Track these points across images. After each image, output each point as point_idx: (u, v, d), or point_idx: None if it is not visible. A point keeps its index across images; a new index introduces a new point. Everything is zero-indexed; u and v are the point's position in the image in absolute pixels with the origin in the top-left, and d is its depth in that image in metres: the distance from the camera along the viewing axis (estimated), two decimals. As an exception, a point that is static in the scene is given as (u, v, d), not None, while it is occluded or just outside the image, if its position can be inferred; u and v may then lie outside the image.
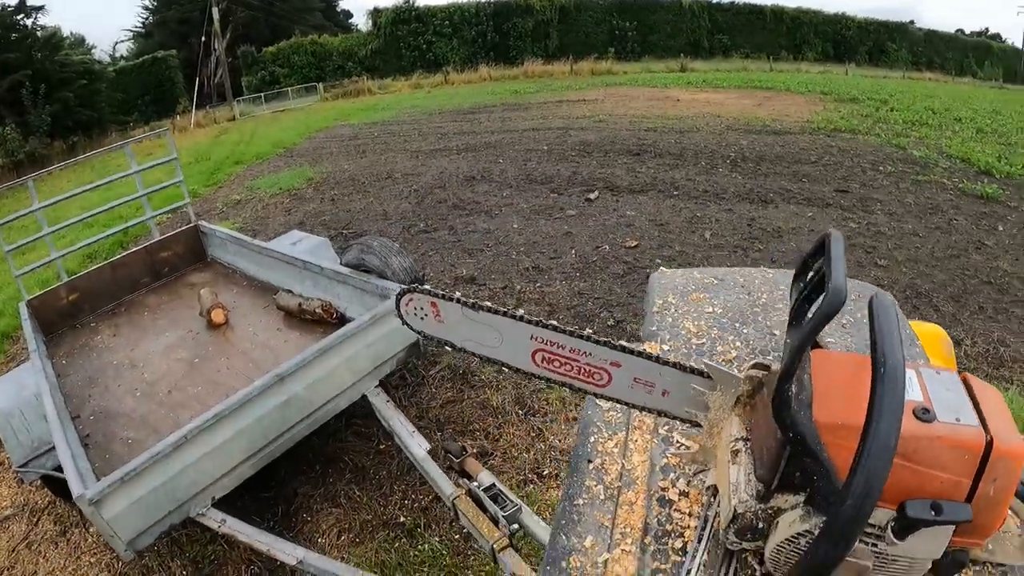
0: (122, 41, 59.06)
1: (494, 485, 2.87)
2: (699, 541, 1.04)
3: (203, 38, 37.76)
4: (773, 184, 9.64)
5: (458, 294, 1.19)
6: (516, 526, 2.65)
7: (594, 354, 1.14)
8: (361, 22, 56.10)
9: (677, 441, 1.28)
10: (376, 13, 43.13)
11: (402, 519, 3.77)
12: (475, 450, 4.06)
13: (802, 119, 15.70)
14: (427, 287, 1.25)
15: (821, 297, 0.84)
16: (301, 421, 3.66)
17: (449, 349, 1.47)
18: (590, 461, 1.27)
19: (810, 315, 0.88)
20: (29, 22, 30.48)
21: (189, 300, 5.34)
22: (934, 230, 8.05)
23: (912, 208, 8.85)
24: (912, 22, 55.82)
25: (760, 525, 0.92)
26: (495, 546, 2.57)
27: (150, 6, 46.04)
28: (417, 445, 3.50)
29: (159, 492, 3.03)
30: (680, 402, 1.12)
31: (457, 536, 3.60)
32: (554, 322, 1.17)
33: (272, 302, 4.98)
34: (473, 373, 5.05)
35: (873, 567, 0.85)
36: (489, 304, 1.19)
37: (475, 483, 2.92)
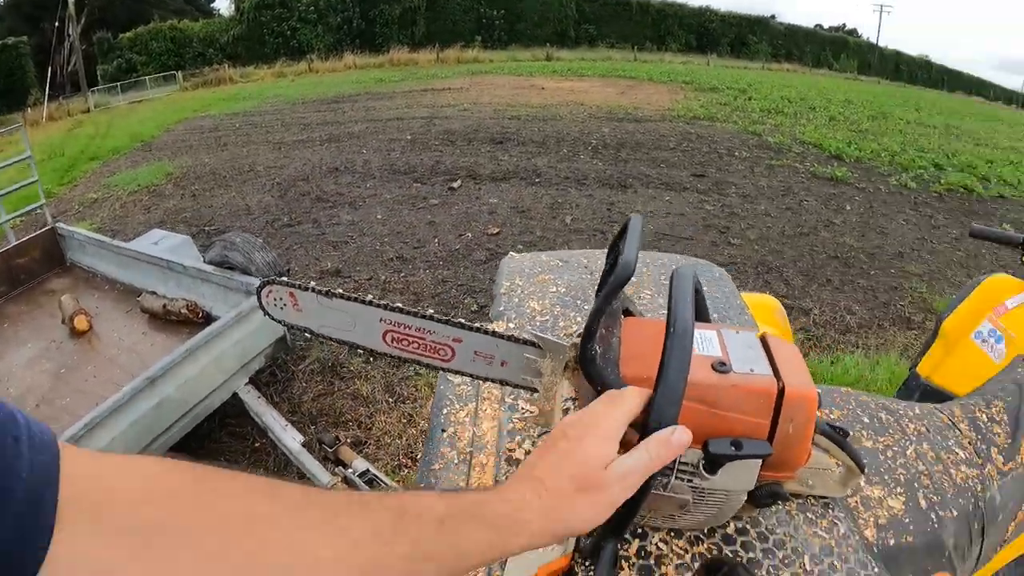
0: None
1: (368, 471, 2.99)
2: None
3: (56, 23, 35.18)
4: (633, 170, 9.79)
5: (312, 283, 1.25)
6: None
7: (437, 332, 1.23)
8: (223, 6, 54.11)
9: (522, 408, 1.37)
10: (240, -4, 41.56)
11: None
12: (349, 439, 4.04)
13: (663, 107, 16.05)
14: (284, 278, 1.29)
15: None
16: (175, 423, 3.57)
17: (317, 342, 1.48)
18: (444, 430, 1.36)
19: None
20: None
21: (50, 308, 5.00)
22: (786, 211, 8.34)
23: (765, 191, 9.15)
24: (774, 16, 58.24)
25: None
26: None
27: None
28: (291, 439, 3.51)
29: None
30: (517, 371, 1.21)
31: None
32: (399, 304, 1.24)
33: (136, 305, 4.78)
34: (342, 365, 4.94)
35: (693, 500, 0.95)
36: (341, 291, 1.25)
37: (350, 470, 3.01)
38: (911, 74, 65.21)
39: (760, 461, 0.93)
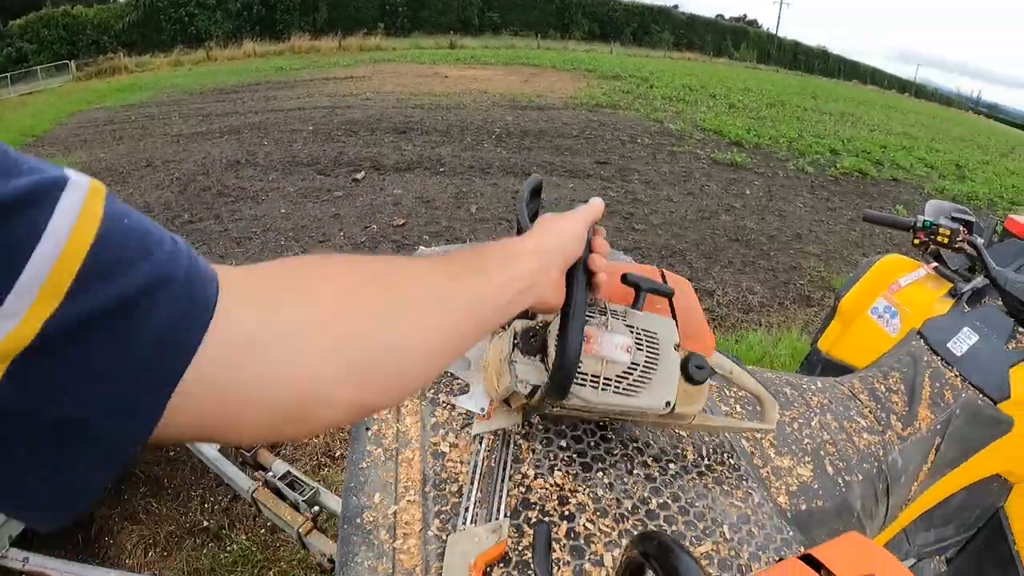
0: None
1: (289, 472, 2.87)
2: (471, 482, 1.18)
3: None
4: (537, 158, 9.80)
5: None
6: (317, 508, 2.68)
7: None
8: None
9: (443, 400, 1.40)
10: (134, -20, 39.98)
11: (206, 523, 3.55)
12: (266, 442, 3.88)
13: (566, 95, 16.13)
14: None
15: None
16: None
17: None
18: (368, 428, 1.36)
19: None
20: None
21: None
22: (687, 195, 8.47)
23: (668, 176, 9.29)
24: (676, 6, 59.30)
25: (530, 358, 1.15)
26: (300, 531, 2.58)
27: None
28: (207, 445, 3.32)
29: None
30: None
31: (263, 530, 3.46)
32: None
33: None
34: None
35: (635, 344, 1.11)
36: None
37: (270, 473, 2.88)
38: (809, 64, 67.39)
39: (670, 307, 1.21)
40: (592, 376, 1.07)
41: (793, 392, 1.72)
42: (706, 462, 1.33)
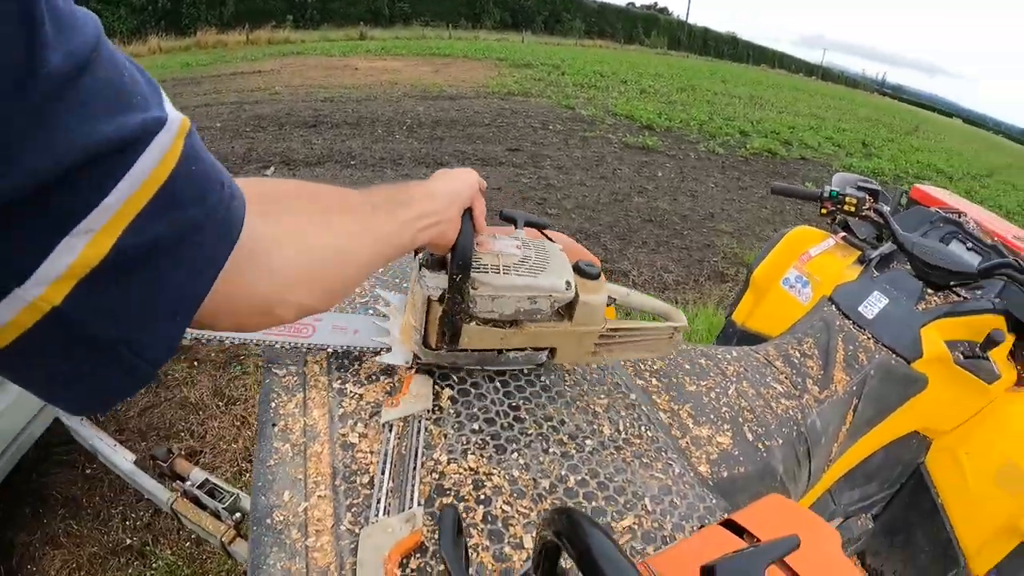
0: None
1: (208, 480, 2.69)
2: (382, 472, 1.15)
3: None
4: (448, 147, 9.70)
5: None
6: (239, 515, 2.52)
7: None
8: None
9: (351, 391, 1.36)
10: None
11: (129, 541, 3.41)
12: (183, 451, 3.77)
13: (478, 84, 16.07)
14: None
15: None
16: None
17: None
18: (274, 424, 1.31)
19: None
20: None
21: None
22: (600, 179, 8.51)
23: (580, 161, 9.31)
24: (588, -6, 59.50)
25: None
26: (223, 539, 2.43)
27: None
28: (122, 459, 3.11)
29: None
30: (366, 336, 1.40)
31: (188, 543, 3.38)
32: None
33: None
34: (166, 373, 4.56)
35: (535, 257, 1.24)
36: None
37: (189, 483, 2.71)
38: (719, 49, 68.85)
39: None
40: (492, 265, 1.17)
41: (708, 362, 1.72)
42: (623, 436, 1.32)
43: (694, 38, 68.94)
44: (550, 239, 1.37)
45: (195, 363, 4.65)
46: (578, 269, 1.25)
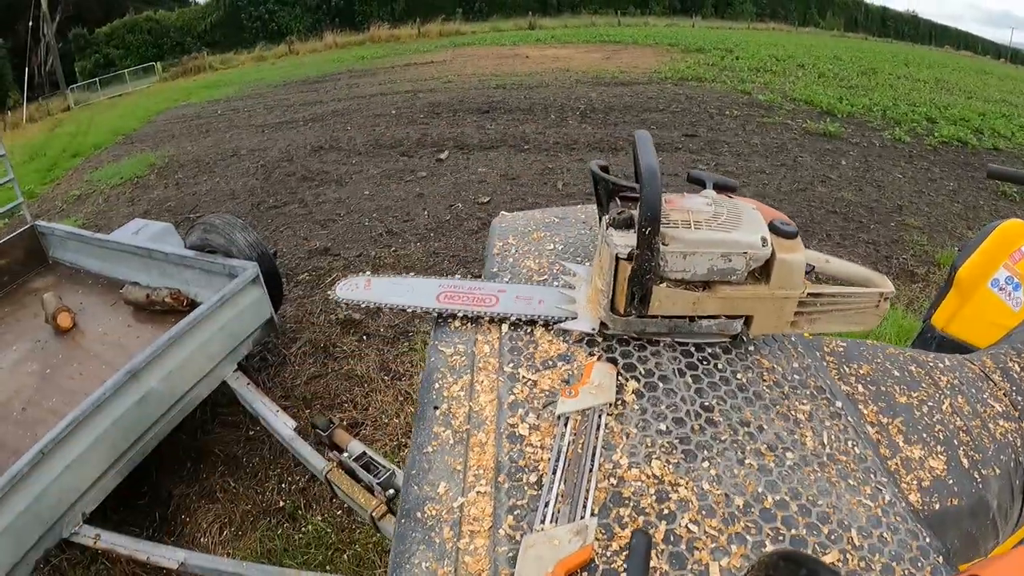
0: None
1: (365, 453, 2.85)
2: (553, 472, 1.04)
3: (30, 23, 34.34)
4: (623, 133, 9.62)
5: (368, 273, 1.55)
6: (392, 491, 2.64)
7: (484, 288, 1.46)
8: (199, -6, 53.24)
9: (524, 376, 1.26)
10: (214, -18, 40.95)
11: (281, 504, 3.59)
12: (344, 422, 3.90)
13: (650, 70, 15.87)
14: (367, 272, 1.59)
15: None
16: (162, 417, 3.38)
17: (308, 323, 1.71)
18: (436, 407, 1.24)
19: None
20: None
21: (33, 308, 4.76)
22: (780, 167, 8.22)
23: (759, 148, 9.03)
24: (759, -24, 57.74)
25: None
26: (374, 514, 2.57)
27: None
28: (283, 425, 3.36)
29: (27, 516, 2.71)
30: (552, 305, 1.37)
31: (339, 512, 3.47)
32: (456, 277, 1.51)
33: (119, 298, 4.53)
34: (335, 345, 4.79)
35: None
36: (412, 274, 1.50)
37: (346, 454, 2.87)
38: (898, 30, 65.26)
39: None
40: (683, 221, 1.14)
41: (919, 370, 1.51)
42: (827, 450, 1.14)
43: (871, 18, 65.68)
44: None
45: (364, 337, 4.82)
46: (774, 227, 1.17)
